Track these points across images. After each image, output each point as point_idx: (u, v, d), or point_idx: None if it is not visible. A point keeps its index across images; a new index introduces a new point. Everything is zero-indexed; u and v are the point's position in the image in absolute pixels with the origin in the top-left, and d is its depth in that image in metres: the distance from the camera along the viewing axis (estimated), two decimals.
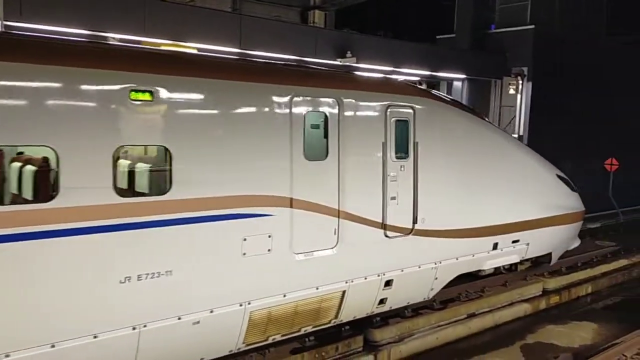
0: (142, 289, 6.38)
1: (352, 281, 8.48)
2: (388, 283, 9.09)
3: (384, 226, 8.78)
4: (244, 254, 7.23)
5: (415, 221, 9.24)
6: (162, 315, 6.65)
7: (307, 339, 8.88)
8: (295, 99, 7.64)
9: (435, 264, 9.72)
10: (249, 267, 7.31)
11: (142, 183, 6.80)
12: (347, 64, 20.95)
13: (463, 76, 26.24)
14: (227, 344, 7.43)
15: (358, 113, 8.46)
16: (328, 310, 8.44)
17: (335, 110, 8.14)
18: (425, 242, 9.36)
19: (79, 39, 10.21)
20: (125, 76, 6.23)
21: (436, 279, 9.87)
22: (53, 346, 5.84)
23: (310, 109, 7.89)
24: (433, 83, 29.53)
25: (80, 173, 5.93)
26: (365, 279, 8.68)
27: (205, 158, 6.90)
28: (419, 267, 9.46)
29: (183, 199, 6.69)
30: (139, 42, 9.37)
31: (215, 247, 7.04)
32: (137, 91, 6.28)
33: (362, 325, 9.71)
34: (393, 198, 8.84)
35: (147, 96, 6.37)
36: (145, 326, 6.50)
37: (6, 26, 14.59)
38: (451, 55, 25.82)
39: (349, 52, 21.72)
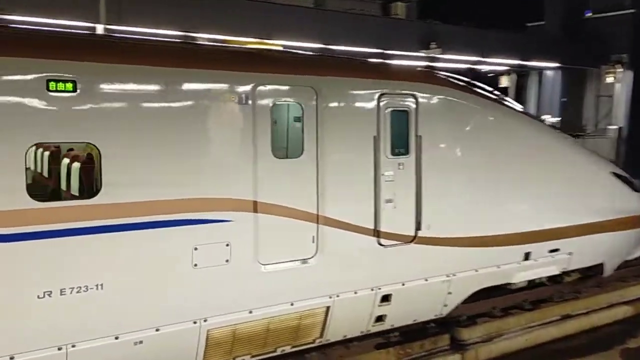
0: (66, 304, 5.60)
1: (337, 296, 7.33)
2: (386, 298, 7.82)
3: (376, 233, 7.50)
4: (195, 265, 6.22)
5: (418, 228, 7.87)
6: (93, 334, 5.82)
7: (391, 334, 8.45)
8: (260, 88, 6.56)
9: (448, 276, 8.35)
10: (202, 280, 6.32)
11: (63, 185, 6.22)
12: (432, 55, 20.51)
13: (556, 65, 24.98)
14: None
15: (340, 103, 7.22)
16: (310, 329, 7.39)
17: (312, 101, 6.94)
18: (432, 251, 8.02)
19: None
20: (42, 65, 5.48)
21: (450, 293, 8.50)
22: None
23: (280, 99, 6.87)
24: (522, 73, 28.37)
25: None
26: (355, 293, 7.50)
27: (141, 157, 5.93)
28: (426, 280, 8.12)
29: (114, 203, 5.76)
30: (227, 42, 9.25)
31: (158, 258, 6.07)
32: (57, 81, 5.50)
33: (449, 324, 9.41)
34: (388, 201, 7.57)
35: (69, 87, 5.57)
36: (73, 346, 5.73)
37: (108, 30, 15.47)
38: (543, 43, 24.65)
39: (433, 43, 21.26)
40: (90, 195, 5.77)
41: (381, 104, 7.49)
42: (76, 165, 6.34)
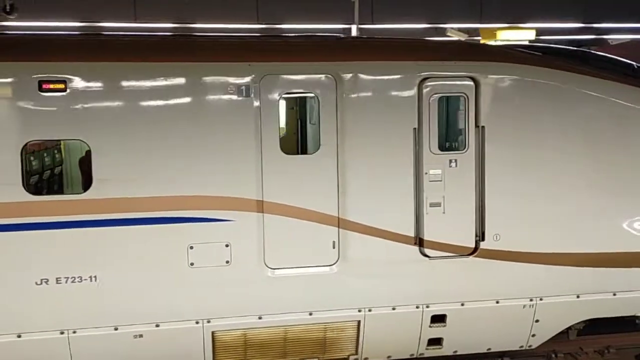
0: (62, 292, 5.92)
1: (368, 310, 6.66)
2: (439, 319, 6.89)
3: (419, 242, 6.60)
4: (192, 264, 6.13)
5: (481, 238, 6.71)
6: (91, 322, 6.08)
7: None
8: (267, 78, 6.14)
9: (531, 300, 7.01)
10: (200, 280, 6.20)
11: (57, 180, 6.47)
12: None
13: None
14: None
15: (365, 91, 6.38)
16: (340, 343, 6.82)
17: (331, 90, 6.26)
18: (505, 268, 6.81)
19: None
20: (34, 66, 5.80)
21: (537, 321, 7.09)
22: None
23: (290, 90, 6.46)
24: None
25: None
26: (393, 309, 6.70)
27: (132, 153, 5.97)
28: (497, 302, 6.93)
29: (105, 198, 5.91)
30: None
31: (151, 254, 6.08)
32: (48, 81, 5.77)
33: None
34: (435, 205, 6.54)
35: (60, 86, 5.80)
36: (74, 332, 6.05)
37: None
38: None
39: None
40: (82, 191, 5.98)
41: (424, 89, 6.40)
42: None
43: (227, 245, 6.16)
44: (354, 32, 15.78)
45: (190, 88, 6.05)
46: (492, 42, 15.10)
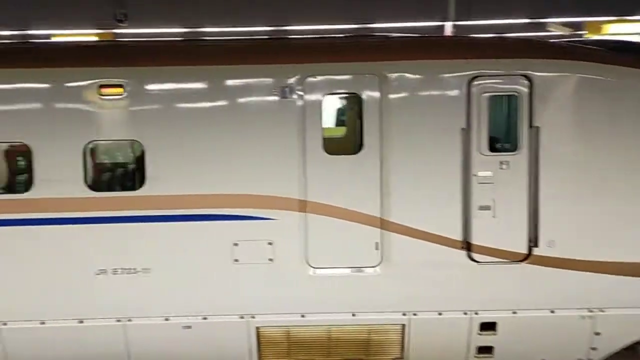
0: (118, 283, 6.30)
1: (414, 314, 6.54)
2: (489, 326, 6.65)
3: (466, 246, 6.39)
4: (236, 260, 6.32)
5: (534, 244, 6.42)
6: (144, 312, 6.43)
7: None
8: (310, 79, 6.20)
9: (590, 311, 6.58)
10: (244, 276, 6.37)
11: (115, 177, 6.81)
12: None
13: None
14: (237, 357, 6.70)
15: (411, 91, 6.30)
16: (385, 346, 6.74)
17: (375, 90, 6.22)
18: (560, 276, 6.45)
19: None
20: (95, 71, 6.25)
21: (598, 334, 6.65)
22: (43, 323, 6.38)
23: (334, 90, 6.42)
24: None
25: (54, 168, 6.22)
26: (440, 314, 6.55)
27: (183, 153, 6.26)
28: (552, 311, 6.56)
29: (156, 195, 6.24)
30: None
31: (199, 250, 6.35)
32: (107, 86, 6.21)
33: None
34: (484, 208, 6.31)
35: (118, 90, 6.21)
36: (130, 320, 6.42)
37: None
38: None
39: None
40: (137, 188, 6.37)
41: (473, 88, 6.19)
42: None
43: (270, 244, 6.30)
44: (448, 30, 15.41)
45: (236, 90, 6.30)
46: (597, 37, 14.07)
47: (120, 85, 6.18)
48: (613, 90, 6.24)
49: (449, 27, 15.43)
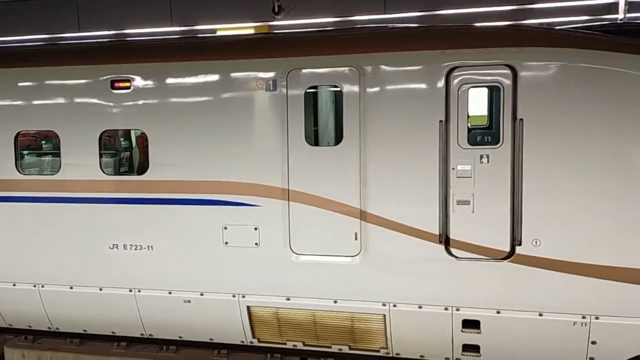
0: (129, 257, 7.01)
1: (393, 305, 6.52)
2: (472, 324, 6.44)
3: (445, 240, 6.22)
4: (226, 242, 6.76)
5: (517, 242, 6.06)
6: (151, 285, 7.10)
7: None
8: (293, 72, 6.37)
9: (584, 317, 6.14)
10: (234, 258, 6.79)
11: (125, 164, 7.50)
12: None
13: None
14: (233, 332, 7.12)
15: (389, 83, 6.22)
16: (368, 335, 6.81)
17: (354, 83, 6.24)
18: (548, 278, 6.05)
19: None
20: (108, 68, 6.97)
21: (594, 343, 6.20)
22: (71, 287, 7.36)
23: (315, 83, 6.51)
24: None
25: (77, 154, 7.10)
26: (420, 307, 6.46)
27: (180, 142, 6.79)
28: (540, 314, 6.21)
29: (158, 180, 6.86)
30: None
31: (195, 231, 6.87)
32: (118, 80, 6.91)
33: None
34: (463, 202, 6.11)
35: (126, 84, 6.85)
36: (139, 291, 7.15)
37: None
38: None
39: None
40: (142, 173, 7.05)
41: (452, 80, 6.00)
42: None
43: (255, 229, 6.66)
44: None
45: (226, 84, 6.66)
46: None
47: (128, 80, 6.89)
48: (605, 78, 5.71)
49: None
